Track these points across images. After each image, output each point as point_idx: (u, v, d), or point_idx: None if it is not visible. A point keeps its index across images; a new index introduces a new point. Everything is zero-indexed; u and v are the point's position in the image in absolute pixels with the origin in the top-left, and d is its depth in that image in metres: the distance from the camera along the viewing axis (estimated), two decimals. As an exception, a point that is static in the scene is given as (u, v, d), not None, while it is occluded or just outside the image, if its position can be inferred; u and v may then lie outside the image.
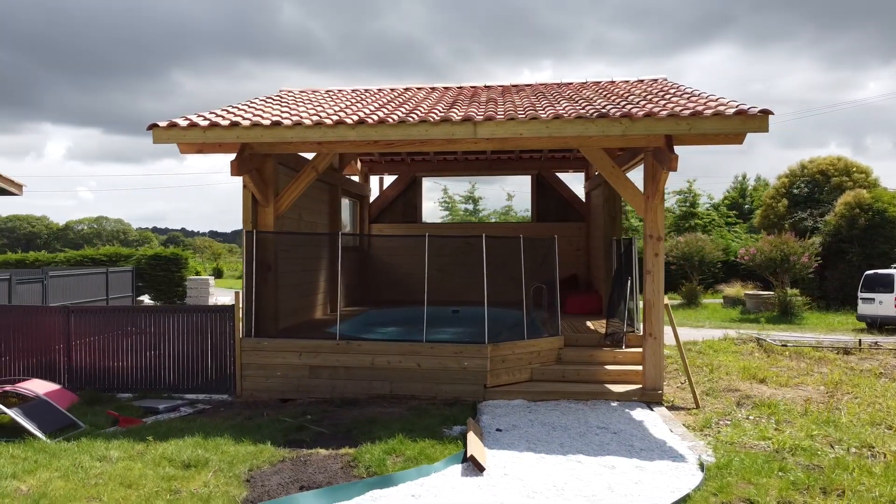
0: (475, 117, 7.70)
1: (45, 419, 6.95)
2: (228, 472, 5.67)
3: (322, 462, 5.99)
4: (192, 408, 8.23)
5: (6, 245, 72.49)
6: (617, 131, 7.63)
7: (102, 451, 6.18)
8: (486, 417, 7.65)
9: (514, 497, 5.12)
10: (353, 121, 7.87)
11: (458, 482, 5.44)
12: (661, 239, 8.63)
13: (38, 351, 8.94)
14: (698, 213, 38.82)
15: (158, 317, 9.02)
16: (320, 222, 11.79)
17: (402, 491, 5.19)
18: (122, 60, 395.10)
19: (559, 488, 5.32)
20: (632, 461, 6.13)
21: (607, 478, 5.61)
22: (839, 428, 7.48)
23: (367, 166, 14.88)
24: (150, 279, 22.84)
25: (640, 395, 8.58)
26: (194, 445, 6.28)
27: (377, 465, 5.78)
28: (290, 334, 9.34)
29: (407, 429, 7.02)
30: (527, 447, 6.51)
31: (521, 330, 9.14)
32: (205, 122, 7.98)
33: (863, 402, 8.74)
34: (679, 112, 7.54)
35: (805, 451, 6.56)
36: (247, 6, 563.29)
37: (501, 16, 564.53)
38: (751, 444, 6.90)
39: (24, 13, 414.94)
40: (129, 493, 5.23)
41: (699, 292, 26.72)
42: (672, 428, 7.42)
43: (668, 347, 12.78)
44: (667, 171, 7.83)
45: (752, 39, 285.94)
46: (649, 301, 8.68)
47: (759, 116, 7.44)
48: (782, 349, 12.21)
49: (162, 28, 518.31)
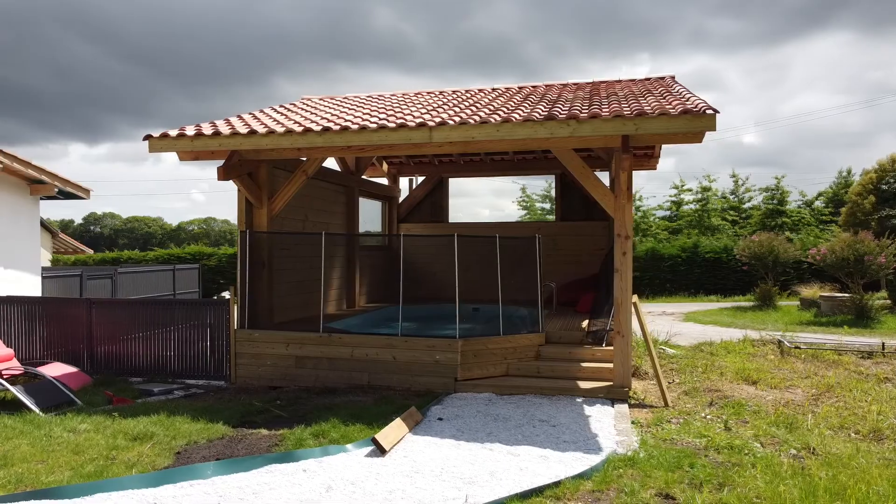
0: (429, 122, 8.11)
1: (46, 396, 7.96)
2: (165, 446, 6.39)
3: (255, 441, 6.61)
4: (185, 392, 9.08)
5: (126, 244, 78.59)
6: (565, 133, 7.83)
7: (76, 423, 7.06)
8: (437, 407, 8.04)
9: (394, 475, 5.53)
10: (320, 128, 8.47)
11: (356, 461, 5.90)
12: (630, 238, 8.72)
13: (65, 338, 10.10)
14: (786, 211, 37.08)
15: (167, 309, 9.98)
16: (334, 223, 12.50)
17: (299, 466, 5.71)
18: (227, 69, 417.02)
19: (444, 470, 5.68)
20: (543, 451, 6.38)
21: (503, 464, 5.90)
22: (794, 430, 7.38)
23: (395, 168, 15.50)
24: (230, 276, 24.56)
25: (607, 392, 8.70)
26: (151, 422, 7.06)
27: (297, 444, 6.34)
28: (289, 327, 10.05)
29: (357, 415, 7.54)
30: (452, 435, 6.87)
31: (520, 325, 9.54)
32: (191, 132, 8.82)
33: (843, 406, 8.49)
34: (624, 113, 7.65)
35: (732, 450, 6.57)
36: (341, 13, 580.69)
37: (596, 9, 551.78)
38: (685, 441, 6.95)
39: (136, 30, 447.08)
40: (74, 457, 6.03)
41: (774, 294, 25.65)
42: (617, 423, 7.54)
43: (674, 347, 12.68)
44: (622, 171, 7.95)
45: (869, 24, 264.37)
46: (617, 299, 8.78)
47: (705, 115, 7.44)
48: (798, 352, 11.82)
49: (263, 38, 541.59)
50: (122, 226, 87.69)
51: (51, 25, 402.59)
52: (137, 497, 5.05)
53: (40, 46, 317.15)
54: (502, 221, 16.72)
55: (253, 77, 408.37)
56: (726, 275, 28.10)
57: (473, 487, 5.31)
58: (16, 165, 14.40)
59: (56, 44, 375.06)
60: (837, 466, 5.97)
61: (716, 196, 39.42)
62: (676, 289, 28.32)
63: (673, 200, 40.38)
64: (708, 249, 28.66)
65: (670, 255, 28.93)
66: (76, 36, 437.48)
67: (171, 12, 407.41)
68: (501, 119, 7.90)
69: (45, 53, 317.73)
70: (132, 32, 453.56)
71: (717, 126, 7.45)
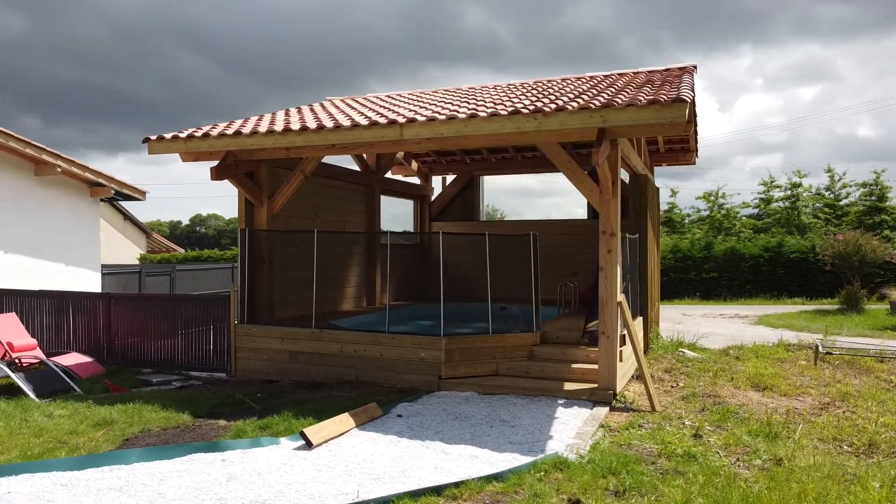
0: (398, 120, 8.10)
1: (46, 384, 8.54)
2: (119, 432, 6.71)
3: (206, 431, 6.83)
4: (182, 383, 9.48)
5: (228, 243, 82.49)
6: (531, 127, 7.62)
7: (55, 409, 7.54)
8: (405, 405, 8.02)
9: (305, 468, 5.57)
10: (298, 127, 8.64)
11: (280, 454, 5.99)
12: (615, 235, 8.40)
13: (87, 330, 10.77)
14: (886, 208, 34.38)
15: (176, 304, 10.45)
16: (352, 221, 12.69)
17: (221, 456, 5.86)
18: (323, 75, 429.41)
19: (359, 465, 5.67)
20: (480, 451, 6.24)
21: (426, 462, 5.82)
22: (774, 440, 6.89)
23: (427, 167, 15.54)
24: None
25: (591, 395, 8.40)
26: (120, 411, 7.42)
27: (236, 435, 6.51)
28: (289, 323, 10.29)
29: (324, 410, 7.64)
30: (399, 432, 6.84)
31: (523, 323, 9.46)
32: (184, 135, 9.21)
33: (848, 417, 7.84)
34: (591, 105, 7.36)
35: (685, 458, 6.22)
36: (431, 16, 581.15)
37: (694, 1, 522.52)
38: (642, 447, 6.62)
39: (233, 39, 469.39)
40: (32, 440, 6.44)
41: (861, 296, 23.82)
42: (584, 426, 7.28)
43: (700, 350, 12.03)
44: (596, 165, 7.66)
45: None
46: (602, 298, 8.47)
47: (674, 105, 7.05)
48: (832, 358, 10.98)
49: (355, 43, 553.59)
50: (226, 226, 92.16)
51: (162, 39, 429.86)
52: (56, 479, 5.34)
53: (154, 59, 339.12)
54: (538, 219, 16.28)
55: (346, 81, 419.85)
56: (813, 276, 26.40)
57: (377, 484, 5.28)
58: (73, 169, 15.46)
59: (167, 56, 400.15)
60: (781, 480, 5.53)
61: (808, 192, 37.10)
62: (758, 290, 26.85)
63: (761, 198, 38.30)
64: (794, 249, 27.01)
65: (751, 254, 27.47)
66: (184, 48, 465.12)
67: (269, 22, 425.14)
68: (468, 115, 7.79)
69: (158, 65, 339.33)
70: (234, 43, 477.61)
71: (693, 115, 7.05)
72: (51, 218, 15.48)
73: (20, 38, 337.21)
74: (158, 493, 5.01)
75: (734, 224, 36.19)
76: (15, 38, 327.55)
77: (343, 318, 11.24)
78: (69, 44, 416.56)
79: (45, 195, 15.41)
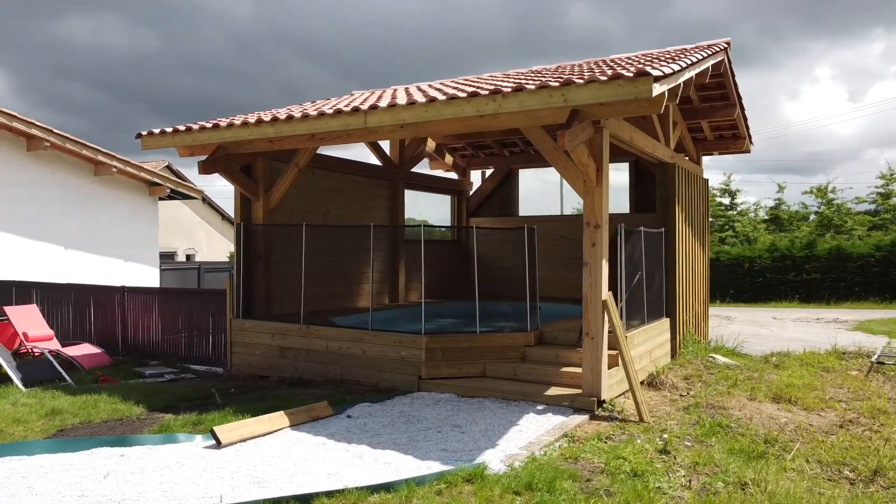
0: (362, 107, 7.69)
1: (38, 373, 8.80)
2: (59, 423, 6.73)
3: (142, 424, 6.73)
4: (174, 376, 9.52)
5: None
6: (490, 110, 6.98)
7: (19, 397, 7.71)
8: (364, 405, 7.62)
9: (193, 468, 5.30)
10: (269, 118, 8.42)
11: (187, 452, 5.75)
12: (600, 227, 7.65)
13: (105, 322, 11.10)
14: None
15: (180, 298, 10.57)
16: (371, 216, 12.41)
17: (124, 451, 5.70)
18: (429, 76, 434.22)
19: (251, 467, 5.35)
20: (404, 457, 5.77)
21: (330, 467, 5.42)
22: (758, 460, 5.98)
23: (465, 161, 15.02)
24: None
25: (572, 401, 7.67)
26: (75, 401, 7.47)
27: (161, 429, 6.36)
28: (287, 319, 10.15)
29: (282, 407, 7.38)
30: (332, 433, 6.47)
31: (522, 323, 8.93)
32: (171, 130, 9.24)
33: (866, 437, 6.73)
34: (550, 84, 6.67)
35: (628, 476, 5.48)
36: (536, 14, 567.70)
37: None
38: (587, 461, 5.91)
39: (332, 39, 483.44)
40: (-21, 426, 6.58)
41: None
42: (540, 436, 6.61)
43: (738, 356, 10.83)
44: (561, 148, 6.97)
45: None
46: (587, 296, 7.72)
47: (638, 80, 6.22)
48: (888, 368, 9.57)
49: (460, 44, 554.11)
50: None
51: (276, 50, 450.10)
52: (-45, 467, 5.36)
53: (269, 69, 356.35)
54: (573, 214, 15.27)
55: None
56: (937, 278, 23.61)
57: (253, 489, 4.93)
58: (129, 169, 16.13)
59: (281, 65, 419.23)
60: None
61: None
62: (867, 293, 24.27)
63: (879, 192, 34.85)
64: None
65: (860, 254, 24.85)
66: (297, 57, 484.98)
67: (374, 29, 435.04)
68: (427, 99, 7.28)
69: (273, 75, 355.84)
70: (342, 50, 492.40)
71: (653, 91, 6.24)
72: (110, 215, 16.25)
73: (153, 53, 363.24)
74: (28, 487, 4.90)
75: (845, 221, 33.12)
76: (148, 53, 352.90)
77: (356, 314, 10.97)
78: (194, 57, 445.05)
79: (104, 194, 16.20)
